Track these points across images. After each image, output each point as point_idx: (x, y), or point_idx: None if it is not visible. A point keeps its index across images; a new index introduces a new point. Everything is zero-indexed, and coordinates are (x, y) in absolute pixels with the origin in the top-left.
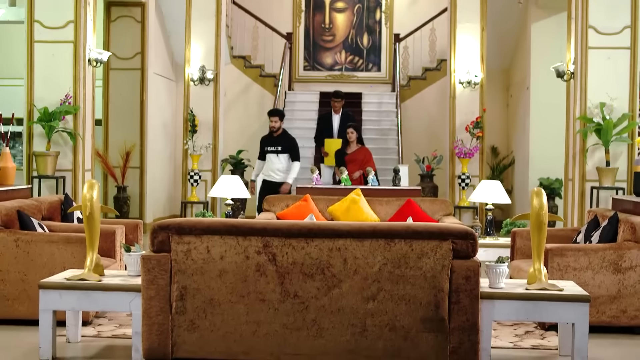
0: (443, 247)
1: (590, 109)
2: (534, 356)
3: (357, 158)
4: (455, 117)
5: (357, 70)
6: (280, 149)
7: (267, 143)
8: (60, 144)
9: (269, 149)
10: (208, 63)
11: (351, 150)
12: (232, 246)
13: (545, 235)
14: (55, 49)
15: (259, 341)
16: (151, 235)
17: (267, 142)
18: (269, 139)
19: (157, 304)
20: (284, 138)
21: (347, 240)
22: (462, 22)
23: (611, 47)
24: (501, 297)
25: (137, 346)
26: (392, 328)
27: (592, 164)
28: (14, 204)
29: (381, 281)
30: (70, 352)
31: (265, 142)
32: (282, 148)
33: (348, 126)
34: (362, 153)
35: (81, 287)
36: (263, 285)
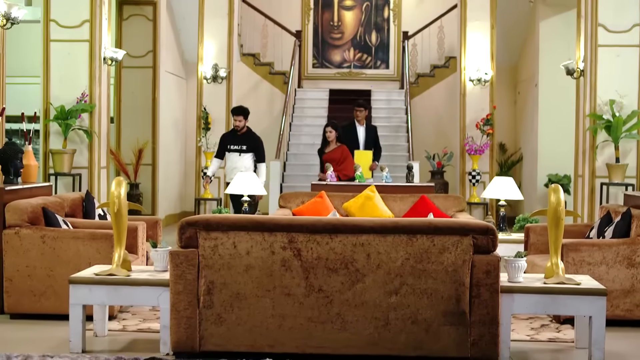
0: (464, 242)
1: (600, 106)
2: (551, 349)
3: (334, 157)
4: (466, 114)
5: (366, 68)
6: (245, 148)
7: (230, 141)
8: (76, 141)
9: (231, 147)
10: (220, 61)
11: (329, 149)
12: (258, 242)
13: (562, 231)
14: (71, 47)
15: (284, 334)
16: (179, 231)
17: (230, 140)
18: (232, 137)
19: (185, 298)
20: (249, 137)
21: (370, 236)
22: (472, 20)
23: (620, 45)
24: (520, 290)
25: (165, 339)
26: (415, 321)
27: (601, 161)
28: (39, 201)
29: (403, 275)
30: (98, 345)
31: (227, 139)
32: (246, 147)
33: (327, 124)
34: (339, 152)
35: (110, 282)
36: (288, 280)
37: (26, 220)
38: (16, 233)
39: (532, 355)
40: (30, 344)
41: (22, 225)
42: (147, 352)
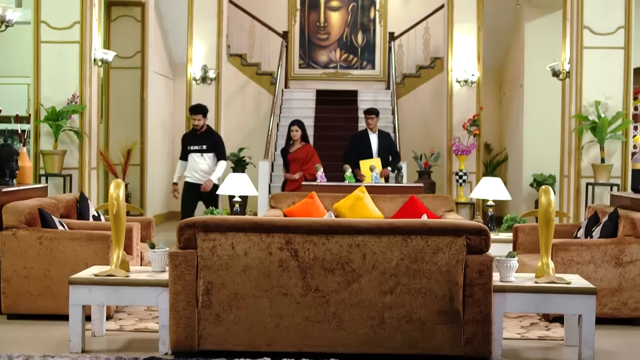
0: (457, 242)
1: (586, 107)
2: (542, 346)
3: (299, 157)
4: (453, 115)
5: (352, 68)
6: (205, 147)
7: (189, 141)
8: (67, 142)
9: (192, 148)
10: (209, 62)
11: (294, 148)
12: (255, 243)
13: (552, 231)
14: (62, 49)
15: (281, 333)
16: (178, 233)
17: (190, 140)
18: (191, 137)
19: (184, 299)
20: (209, 136)
21: (366, 237)
22: (458, 22)
23: (606, 47)
24: (512, 290)
25: (164, 339)
26: (409, 320)
27: (587, 161)
28: (35, 202)
29: (398, 275)
30: (97, 345)
31: (187, 140)
32: (207, 147)
33: (292, 123)
34: (304, 151)
35: (110, 283)
36: (285, 280)
37: (23, 221)
38: (13, 234)
39: (523, 353)
40: (30, 344)
41: (19, 226)
42: (146, 352)
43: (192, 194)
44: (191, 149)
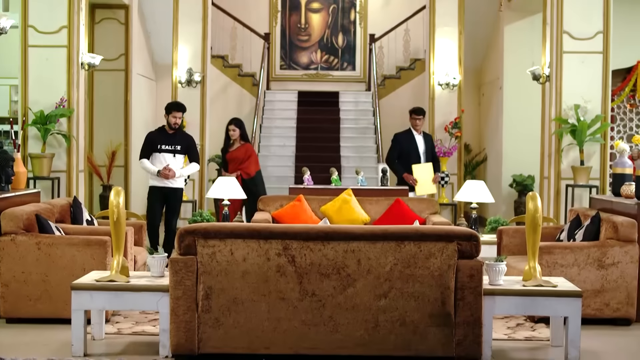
0: (449, 248)
1: (565, 111)
2: (529, 347)
3: (237, 156)
4: (435, 118)
5: (333, 69)
6: (179, 148)
7: (160, 140)
8: (55, 145)
9: (163, 148)
10: (195, 65)
11: (233, 148)
12: (254, 249)
13: (539, 236)
14: (49, 53)
15: (279, 336)
16: (178, 239)
17: (161, 139)
18: (162, 136)
19: (184, 303)
20: (183, 137)
21: (361, 243)
22: (440, 26)
23: (585, 52)
24: (501, 293)
25: (165, 342)
26: (403, 323)
27: (567, 163)
28: (32, 208)
29: (392, 280)
30: (98, 348)
31: (157, 139)
32: (181, 148)
33: (230, 122)
34: (242, 151)
35: (111, 288)
36: (283, 285)
37: (21, 227)
38: (12, 240)
39: (511, 353)
40: (32, 348)
41: (17, 232)
42: (146, 355)
43: (159, 198)
44: (163, 148)
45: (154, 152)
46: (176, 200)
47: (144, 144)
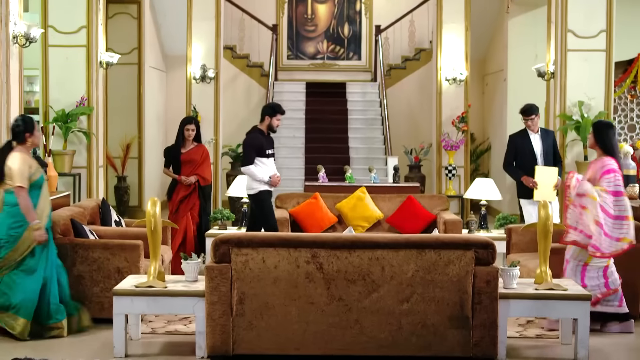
0: (467, 255)
1: (570, 107)
2: (540, 345)
3: (194, 158)
4: (442, 112)
5: (339, 59)
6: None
7: (267, 145)
8: (75, 142)
9: (269, 152)
10: (208, 62)
11: (187, 148)
12: (284, 257)
13: (550, 242)
14: (69, 52)
15: (308, 338)
16: (213, 248)
17: (267, 143)
18: (266, 140)
19: (219, 308)
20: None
21: (385, 251)
22: (447, 22)
23: (588, 50)
24: (515, 297)
25: (201, 344)
26: (424, 325)
27: (571, 158)
28: (67, 212)
29: (414, 285)
30: (136, 349)
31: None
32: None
33: (188, 121)
34: (199, 153)
35: (150, 294)
36: (312, 290)
37: (59, 232)
38: None
39: (524, 352)
40: (75, 348)
41: (55, 237)
42: (183, 356)
43: None
44: (268, 152)
45: (261, 157)
46: None
47: (251, 150)
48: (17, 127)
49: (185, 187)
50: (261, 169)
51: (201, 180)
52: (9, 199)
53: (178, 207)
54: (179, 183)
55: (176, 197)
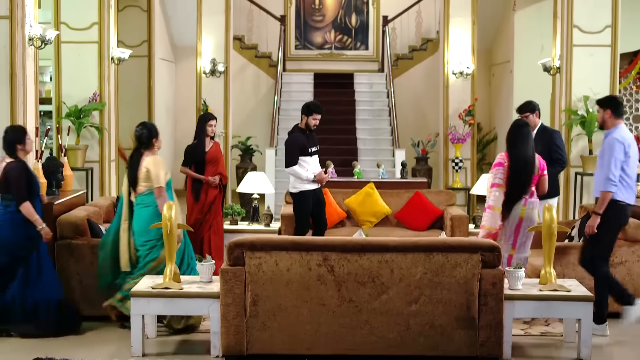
0: (474, 258)
1: (575, 102)
2: (544, 343)
3: (217, 156)
4: (449, 105)
5: (346, 49)
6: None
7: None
8: (88, 137)
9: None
10: (218, 56)
11: (209, 147)
12: (296, 260)
13: (554, 244)
14: (81, 49)
15: (320, 338)
16: (227, 252)
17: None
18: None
19: (233, 309)
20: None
21: (394, 254)
22: (454, 17)
23: (594, 45)
24: (520, 298)
25: (215, 343)
26: (432, 326)
27: (576, 152)
28: (83, 213)
29: (422, 287)
30: (153, 347)
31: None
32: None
33: (211, 117)
34: (218, 149)
35: (167, 295)
36: (323, 292)
37: (76, 232)
38: (68, 244)
39: (528, 350)
40: (94, 347)
41: (72, 237)
42: (198, 355)
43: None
44: (312, 151)
45: (304, 156)
46: (322, 195)
47: (294, 150)
48: (142, 134)
49: (213, 188)
50: (304, 169)
51: (224, 179)
52: (150, 200)
53: (210, 207)
54: (204, 183)
55: (205, 198)
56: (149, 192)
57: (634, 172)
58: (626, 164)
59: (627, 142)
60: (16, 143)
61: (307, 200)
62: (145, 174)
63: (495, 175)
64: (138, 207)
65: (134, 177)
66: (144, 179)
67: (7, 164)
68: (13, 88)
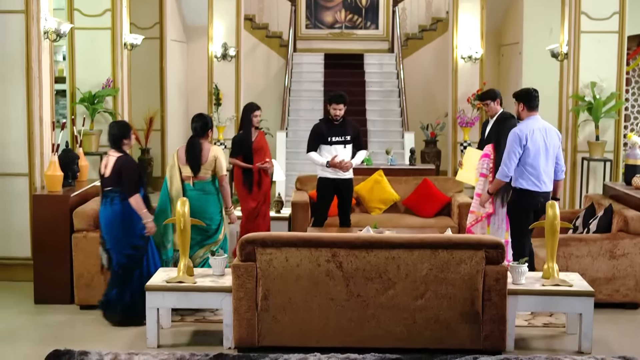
0: (478, 255)
1: (582, 89)
2: (547, 334)
3: (262, 145)
4: (457, 89)
5: (356, 28)
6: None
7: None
8: (102, 122)
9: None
10: (229, 40)
11: (255, 136)
12: (306, 256)
13: (557, 239)
14: (94, 35)
15: (328, 332)
16: (239, 248)
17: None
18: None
19: (245, 303)
20: (351, 125)
21: (400, 251)
22: (463, 1)
23: (601, 32)
24: (523, 293)
25: (228, 335)
26: (437, 320)
27: (583, 137)
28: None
29: (428, 283)
30: (168, 339)
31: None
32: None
33: (255, 106)
34: (263, 137)
35: (180, 289)
36: (332, 287)
37: (92, 224)
38: (84, 236)
39: (531, 343)
40: (111, 338)
41: (88, 229)
42: (211, 346)
43: (331, 190)
44: (334, 140)
45: (324, 144)
46: (348, 191)
47: (311, 137)
48: (200, 124)
49: (265, 176)
50: (321, 155)
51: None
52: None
53: (264, 197)
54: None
55: (259, 189)
56: (209, 180)
57: (539, 161)
58: (526, 154)
59: (524, 134)
60: (123, 138)
61: (324, 188)
62: (212, 162)
63: (482, 166)
64: (199, 192)
65: (197, 164)
66: (208, 166)
67: (119, 157)
68: (29, 81)
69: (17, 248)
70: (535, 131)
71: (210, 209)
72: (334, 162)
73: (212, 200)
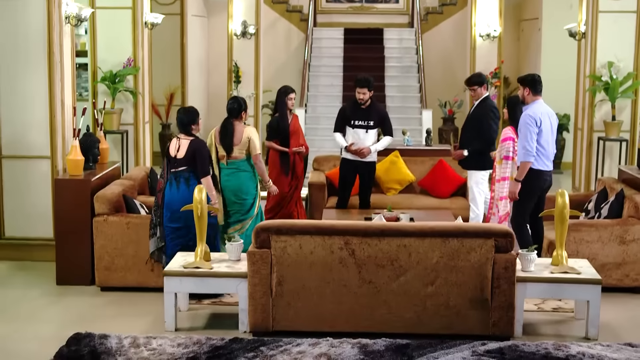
0: (487, 244)
1: (599, 69)
2: (556, 319)
3: (298, 128)
4: (475, 67)
5: (377, 2)
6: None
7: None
8: (122, 101)
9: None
10: (249, 18)
11: (290, 119)
12: (319, 243)
13: (566, 228)
14: (115, 14)
15: (341, 317)
16: (254, 235)
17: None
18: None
19: (260, 289)
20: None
21: (412, 239)
22: None
23: (619, 11)
24: (532, 280)
25: (243, 320)
26: (447, 307)
27: (599, 117)
28: (119, 188)
29: (438, 270)
30: (185, 322)
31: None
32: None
33: (291, 90)
34: (297, 121)
35: (197, 275)
36: (344, 274)
37: (112, 208)
38: (105, 220)
39: (539, 328)
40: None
41: (109, 213)
42: (227, 329)
43: (352, 171)
44: (356, 124)
45: (347, 126)
46: (369, 174)
47: (338, 118)
48: (234, 106)
49: (300, 160)
50: (343, 137)
51: (307, 149)
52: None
53: (297, 183)
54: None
55: (293, 172)
56: (244, 159)
57: (548, 142)
58: (540, 135)
59: (537, 116)
60: (191, 124)
61: (345, 169)
62: (246, 142)
63: (508, 150)
64: (233, 170)
65: (229, 145)
66: (242, 147)
67: (192, 140)
68: (51, 66)
69: (39, 228)
70: (544, 114)
71: (245, 186)
72: (351, 149)
73: (247, 177)
